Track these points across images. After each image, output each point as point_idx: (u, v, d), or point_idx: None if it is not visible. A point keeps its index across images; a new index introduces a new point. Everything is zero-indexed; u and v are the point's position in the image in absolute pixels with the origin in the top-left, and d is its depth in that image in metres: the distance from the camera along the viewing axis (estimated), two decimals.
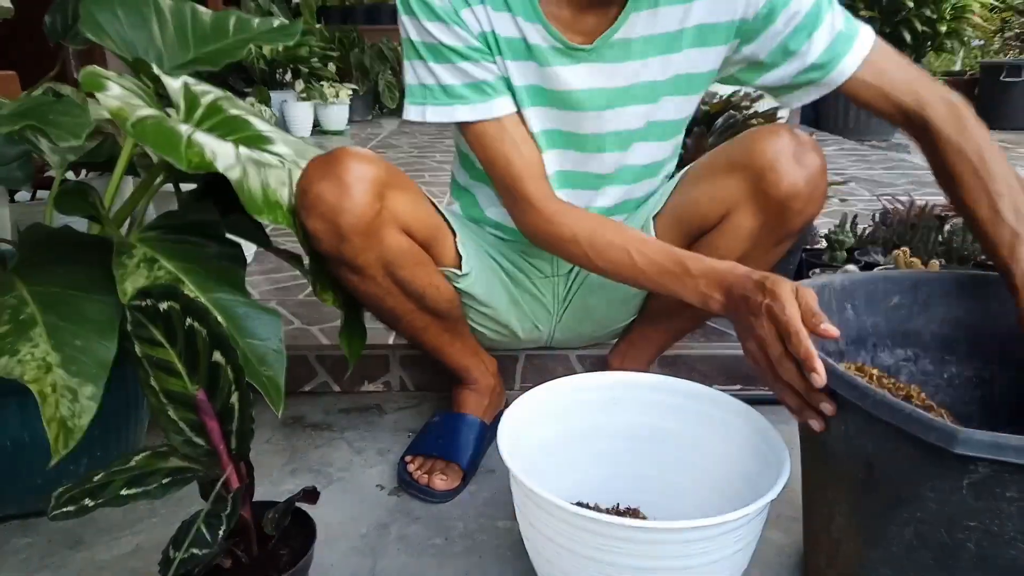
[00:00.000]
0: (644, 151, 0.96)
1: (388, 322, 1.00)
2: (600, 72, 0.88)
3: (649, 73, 0.89)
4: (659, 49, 0.87)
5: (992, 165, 0.76)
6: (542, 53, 0.86)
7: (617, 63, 0.87)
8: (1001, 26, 5.80)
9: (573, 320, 1.12)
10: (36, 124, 0.77)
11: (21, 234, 0.88)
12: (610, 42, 0.86)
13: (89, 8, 1.01)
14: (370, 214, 0.82)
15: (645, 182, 1.00)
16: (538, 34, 0.85)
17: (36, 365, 0.73)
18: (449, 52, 0.84)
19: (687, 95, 0.93)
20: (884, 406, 0.57)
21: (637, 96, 0.90)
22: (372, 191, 0.81)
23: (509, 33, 0.85)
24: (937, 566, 0.59)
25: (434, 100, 0.86)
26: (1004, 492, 0.53)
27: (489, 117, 0.86)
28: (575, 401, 0.88)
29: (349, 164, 0.80)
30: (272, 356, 0.80)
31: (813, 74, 0.86)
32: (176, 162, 0.74)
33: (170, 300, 0.66)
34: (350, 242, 0.82)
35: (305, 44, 4.06)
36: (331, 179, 0.80)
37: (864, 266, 1.37)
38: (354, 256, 0.84)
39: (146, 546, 0.88)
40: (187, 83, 0.92)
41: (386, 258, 0.87)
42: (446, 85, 0.85)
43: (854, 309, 0.82)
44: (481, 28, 0.85)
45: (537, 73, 0.88)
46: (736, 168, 0.89)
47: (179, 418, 0.68)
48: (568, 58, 0.87)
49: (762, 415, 0.78)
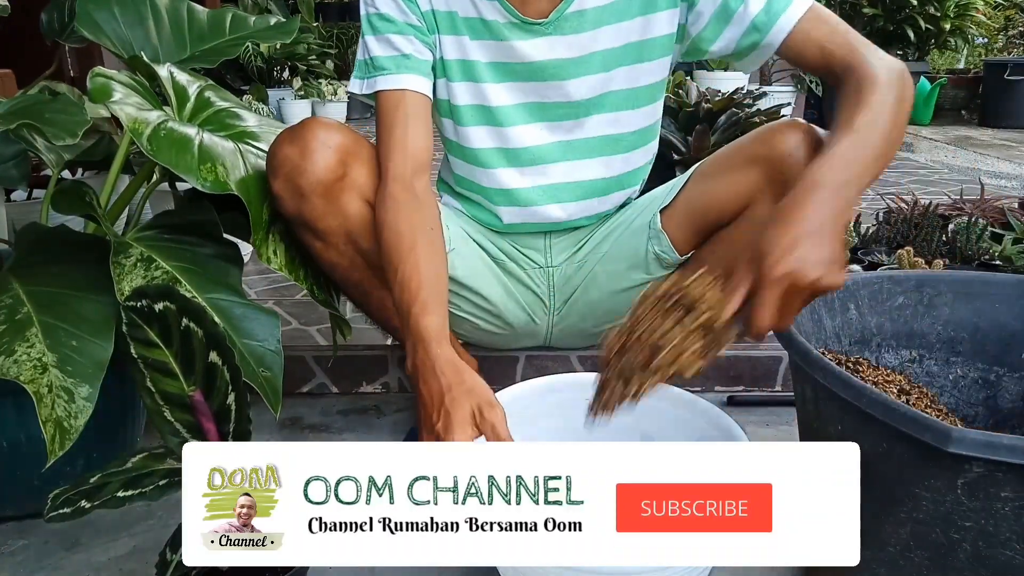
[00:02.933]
0: (608, 121, 0.97)
1: (357, 300, 1.01)
2: (558, 43, 0.91)
3: (604, 42, 0.91)
4: (612, 18, 0.90)
5: (843, 128, 0.71)
6: (499, 29, 0.90)
7: (574, 34, 0.90)
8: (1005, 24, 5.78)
9: (575, 316, 1.11)
10: (32, 122, 0.77)
11: (17, 233, 0.88)
12: (565, 15, 0.89)
13: (85, 6, 1.01)
14: (331, 177, 0.85)
15: (622, 156, 1.00)
16: (495, 10, 0.90)
17: (32, 365, 0.73)
18: (386, 23, 0.89)
19: (643, 62, 0.94)
20: (879, 405, 0.57)
21: (594, 65, 0.92)
22: (335, 157, 0.85)
23: (466, 12, 0.90)
24: (933, 566, 0.59)
25: (360, 73, 0.92)
26: (999, 492, 0.53)
27: (396, 87, 0.89)
28: (546, 402, 0.88)
29: (315, 130, 0.84)
30: (270, 357, 0.81)
31: (753, 36, 0.86)
32: (194, 182, 0.78)
33: (166, 300, 0.66)
34: (309, 202, 0.85)
35: (303, 42, 4.05)
36: (296, 143, 0.84)
37: (868, 266, 1.37)
38: (315, 219, 0.87)
39: (143, 548, 0.88)
40: (172, 72, 0.94)
41: (348, 226, 0.89)
42: (374, 56, 0.90)
43: (858, 309, 0.82)
44: (432, 7, 0.90)
45: (499, 49, 0.92)
46: (756, 160, 0.89)
47: (175, 419, 0.68)
48: (526, 32, 0.90)
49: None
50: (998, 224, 1.49)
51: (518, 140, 0.97)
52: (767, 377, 1.23)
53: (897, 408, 0.56)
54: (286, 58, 4.17)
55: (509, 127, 0.96)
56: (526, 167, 0.99)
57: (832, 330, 0.81)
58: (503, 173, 0.99)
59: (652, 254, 1.00)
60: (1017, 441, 0.51)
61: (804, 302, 0.63)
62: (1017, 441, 0.51)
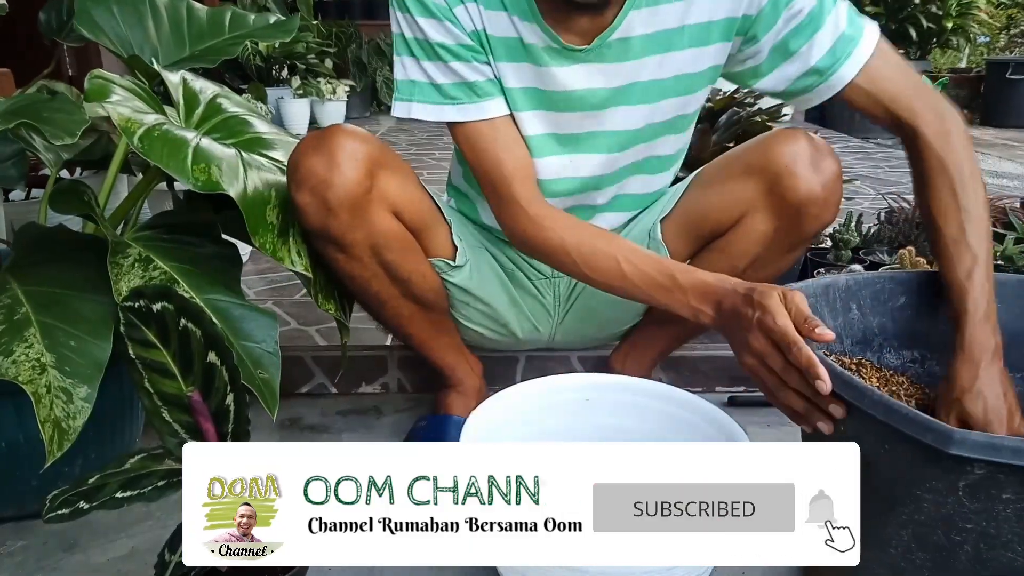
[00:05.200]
0: (644, 151, 0.95)
1: (373, 309, 0.99)
2: (599, 72, 0.86)
3: (648, 72, 0.87)
4: (659, 48, 0.86)
5: (969, 187, 0.76)
6: (538, 53, 0.85)
7: (616, 63, 0.86)
8: (1007, 23, 5.77)
9: (575, 322, 1.11)
10: (30, 122, 0.76)
11: (15, 233, 0.88)
12: (608, 42, 0.84)
13: (84, 5, 1.01)
14: (359, 191, 0.82)
15: (644, 177, 0.99)
16: (534, 34, 0.84)
17: (30, 366, 0.72)
18: (441, 50, 0.83)
19: (687, 95, 0.91)
20: (881, 406, 0.57)
21: (636, 96, 0.88)
22: (363, 168, 0.82)
23: (504, 33, 0.84)
24: (934, 568, 0.58)
25: (422, 97, 0.85)
26: (1000, 494, 0.53)
27: (480, 118, 0.85)
28: (547, 403, 0.88)
29: (342, 140, 0.81)
30: (267, 358, 0.80)
31: (811, 79, 0.83)
32: (185, 182, 0.75)
33: (164, 301, 0.65)
34: (337, 217, 0.82)
35: (302, 40, 4.04)
36: (322, 154, 0.80)
37: (869, 265, 1.36)
38: (341, 233, 0.84)
39: (141, 549, 0.87)
40: (185, 79, 0.92)
41: (374, 239, 0.87)
42: (438, 84, 0.84)
43: (860, 309, 0.81)
44: (474, 26, 0.83)
45: (533, 74, 0.86)
46: (753, 171, 0.89)
47: (174, 420, 0.68)
48: (565, 58, 0.85)
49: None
50: (999, 224, 1.48)
51: (542, 172, 0.92)
52: None
53: (898, 409, 0.56)
54: (285, 57, 4.15)
55: (534, 158, 0.91)
56: (550, 198, 0.94)
57: (834, 330, 0.80)
58: None
59: None
60: (1019, 443, 0.51)
61: None
62: (1019, 443, 0.51)
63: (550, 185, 0.93)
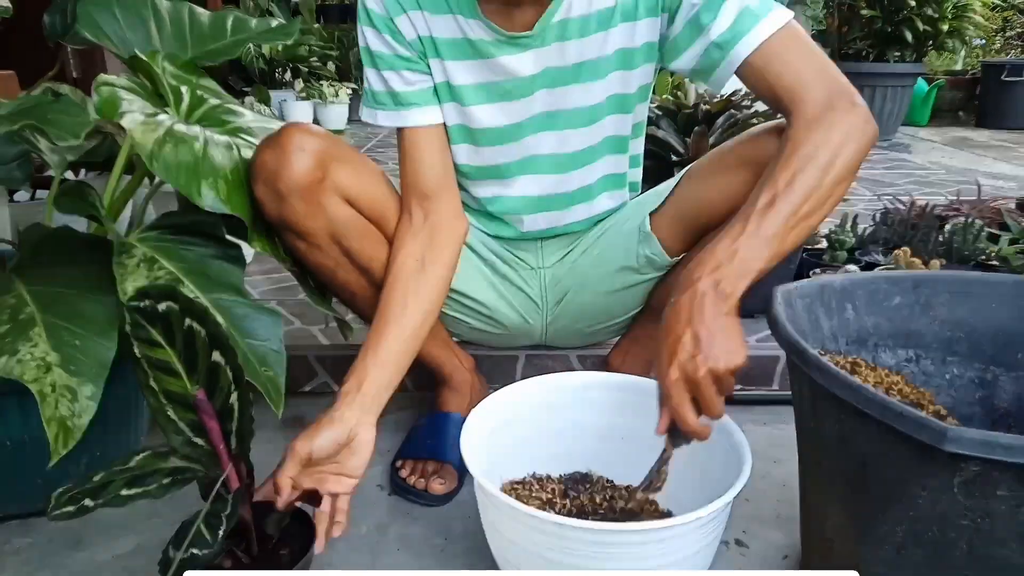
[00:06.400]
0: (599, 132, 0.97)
1: (347, 301, 1.01)
2: (547, 54, 0.90)
3: (593, 50, 0.90)
4: (600, 26, 0.89)
5: (807, 170, 0.72)
6: (485, 47, 0.89)
7: (561, 43, 0.89)
8: (1003, 25, 5.79)
9: (568, 317, 1.12)
10: (35, 124, 0.77)
11: (21, 234, 0.89)
12: (550, 24, 0.88)
13: (87, 8, 1.02)
14: (309, 179, 0.85)
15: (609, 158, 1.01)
16: (480, 28, 0.88)
17: (35, 365, 0.73)
18: (378, 59, 0.91)
19: (627, 70, 0.93)
20: (875, 404, 0.57)
21: (585, 74, 0.92)
22: (312, 159, 0.85)
23: (452, 34, 0.89)
24: (929, 565, 0.59)
25: (367, 102, 0.95)
26: (994, 491, 0.53)
27: (401, 126, 0.93)
28: (547, 402, 0.88)
29: (292, 136, 0.85)
30: (272, 356, 0.81)
31: (714, 54, 0.81)
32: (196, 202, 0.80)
33: (169, 300, 0.66)
34: (288, 204, 0.85)
35: (304, 43, 4.05)
36: (274, 148, 0.85)
37: (865, 266, 1.37)
38: (296, 221, 0.87)
39: (146, 546, 0.88)
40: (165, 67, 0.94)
41: (332, 227, 0.89)
42: (375, 90, 0.93)
43: (855, 309, 0.82)
44: (417, 33, 0.90)
45: (485, 68, 0.91)
46: (746, 163, 0.89)
47: (179, 418, 0.69)
48: (512, 46, 0.89)
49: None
50: (995, 225, 1.49)
51: (507, 156, 0.97)
52: (765, 376, 1.23)
53: (893, 407, 0.56)
54: (288, 60, 4.16)
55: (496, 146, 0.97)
56: (529, 175, 0.99)
57: (829, 330, 0.82)
58: (485, 186, 1.01)
59: (643, 257, 1.00)
60: (1014, 440, 0.51)
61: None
62: (1014, 440, 0.51)
63: (519, 166, 0.98)
